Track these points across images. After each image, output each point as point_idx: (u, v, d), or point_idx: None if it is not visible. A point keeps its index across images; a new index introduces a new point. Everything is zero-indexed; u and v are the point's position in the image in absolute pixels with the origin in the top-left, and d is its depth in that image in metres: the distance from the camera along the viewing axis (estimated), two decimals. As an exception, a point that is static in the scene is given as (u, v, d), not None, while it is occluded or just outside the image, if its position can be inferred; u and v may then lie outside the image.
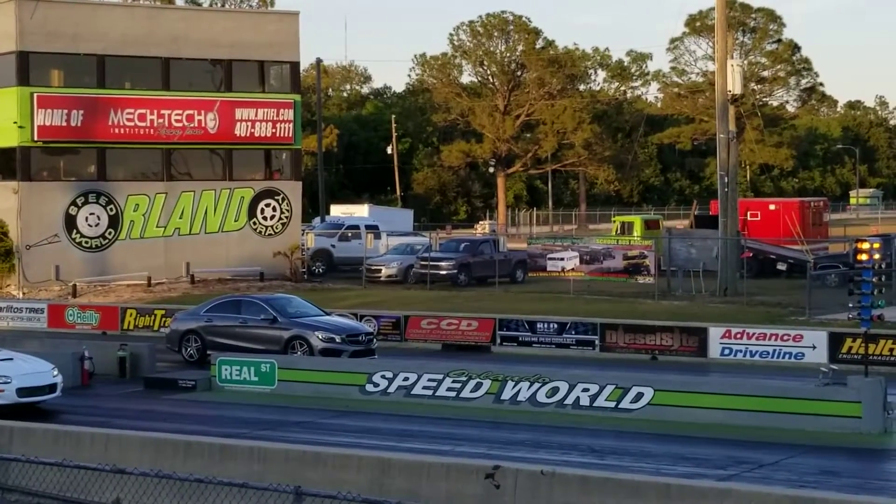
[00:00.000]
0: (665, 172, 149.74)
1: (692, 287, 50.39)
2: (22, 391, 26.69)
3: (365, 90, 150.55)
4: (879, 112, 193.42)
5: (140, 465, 16.87)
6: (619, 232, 65.60)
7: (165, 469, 16.31)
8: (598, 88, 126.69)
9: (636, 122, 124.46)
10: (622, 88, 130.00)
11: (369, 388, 28.65)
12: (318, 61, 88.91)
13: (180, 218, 56.17)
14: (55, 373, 27.59)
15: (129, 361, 32.29)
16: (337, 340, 33.54)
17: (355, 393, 28.63)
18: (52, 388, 27.26)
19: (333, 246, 62.32)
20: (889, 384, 24.76)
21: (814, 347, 33.96)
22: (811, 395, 24.96)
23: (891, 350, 33.25)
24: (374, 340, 35.16)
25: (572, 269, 52.00)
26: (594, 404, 26.28)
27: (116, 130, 54.32)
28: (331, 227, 65.71)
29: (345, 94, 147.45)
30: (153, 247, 55.40)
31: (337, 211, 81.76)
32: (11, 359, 27.55)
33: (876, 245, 27.34)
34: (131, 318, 42.87)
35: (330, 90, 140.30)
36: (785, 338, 34.70)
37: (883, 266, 28.61)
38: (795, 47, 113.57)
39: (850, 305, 26.29)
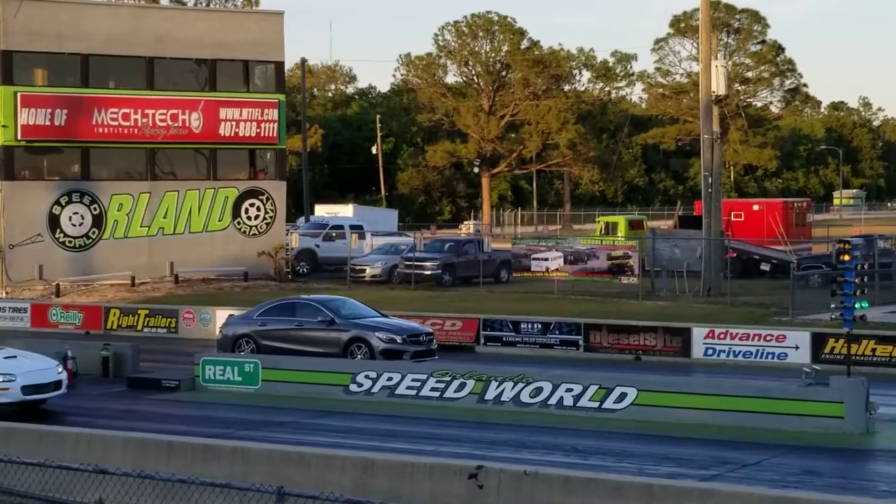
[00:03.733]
0: (649, 173, 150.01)
1: (676, 287, 50.48)
2: (27, 388, 26.56)
3: (350, 90, 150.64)
4: (863, 113, 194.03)
5: (123, 466, 16.86)
6: (603, 232, 65.71)
7: (148, 469, 16.30)
8: (582, 89, 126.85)
9: (620, 122, 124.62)
10: (607, 89, 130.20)
11: (353, 388, 28.65)
12: (303, 61, 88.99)
13: (164, 218, 56.10)
14: (60, 370, 27.56)
15: (112, 361, 32.23)
16: (398, 341, 32.77)
17: (339, 393, 28.63)
18: (56, 385, 27.13)
19: (318, 246, 62.30)
20: (871, 384, 24.82)
21: (797, 348, 34.07)
22: (794, 396, 25.03)
23: (873, 350, 33.37)
24: (435, 341, 34.19)
25: (556, 270, 52.07)
26: (578, 404, 26.31)
27: (100, 130, 54.23)
28: (315, 227, 65.68)
29: (329, 94, 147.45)
30: (137, 246, 55.32)
31: (321, 211, 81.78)
32: (15, 356, 27.46)
33: (859, 246, 27.39)
34: (115, 318, 42.84)
35: (315, 90, 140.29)
36: (768, 338, 34.80)
37: (865, 267, 28.70)
38: (779, 48, 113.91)
39: (833, 306, 26.35)
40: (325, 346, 32.84)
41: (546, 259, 52.38)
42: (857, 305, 25.86)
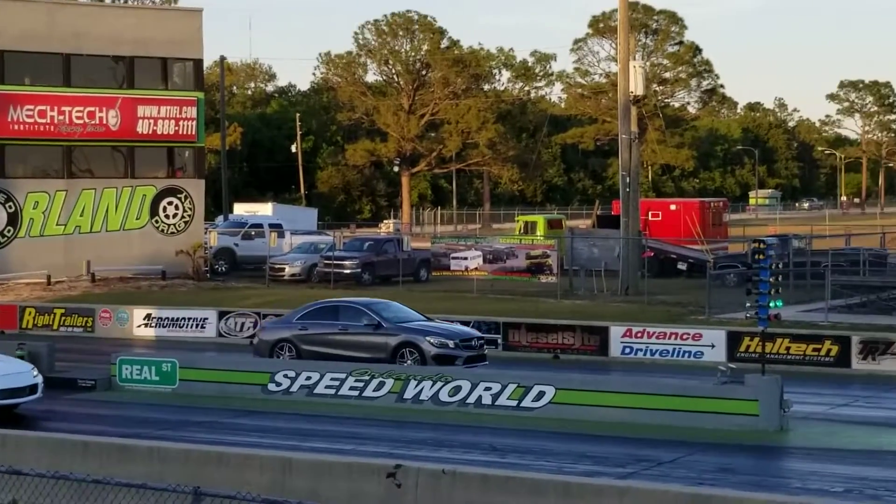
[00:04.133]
0: (568, 172, 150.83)
1: (594, 286, 50.80)
2: (3, 393, 25.91)
3: (269, 88, 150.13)
4: (778, 114, 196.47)
5: (37, 466, 16.67)
6: (522, 231, 65.98)
7: (63, 470, 16.14)
8: (502, 88, 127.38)
9: (540, 122, 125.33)
10: (526, 88, 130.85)
11: (272, 387, 28.56)
12: (222, 59, 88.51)
13: (81, 216, 55.54)
14: (35, 373, 26.94)
15: (27, 360, 31.83)
16: (450, 346, 31.27)
17: (258, 392, 28.52)
18: (32, 388, 26.46)
19: (236, 245, 61.98)
20: (785, 382, 25.14)
21: (713, 346, 34.42)
22: (710, 394, 25.29)
23: (787, 349, 33.82)
24: (485, 345, 32.83)
25: (476, 269, 52.20)
26: (496, 403, 26.41)
27: (16, 127, 53.60)
28: (234, 226, 65.35)
29: (249, 92, 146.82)
30: (53, 245, 54.72)
31: (240, 209, 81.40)
32: None
33: (773, 245, 27.70)
34: (30, 317, 42.36)
35: (234, 88, 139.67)
36: (685, 337, 35.14)
37: (780, 266, 29.02)
38: (697, 49, 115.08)
39: (748, 305, 26.65)
40: (371, 350, 31.26)
41: (465, 258, 52.50)
42: (771, 304, 26.15)
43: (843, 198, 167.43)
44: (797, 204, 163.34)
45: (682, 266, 58.46)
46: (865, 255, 49.05)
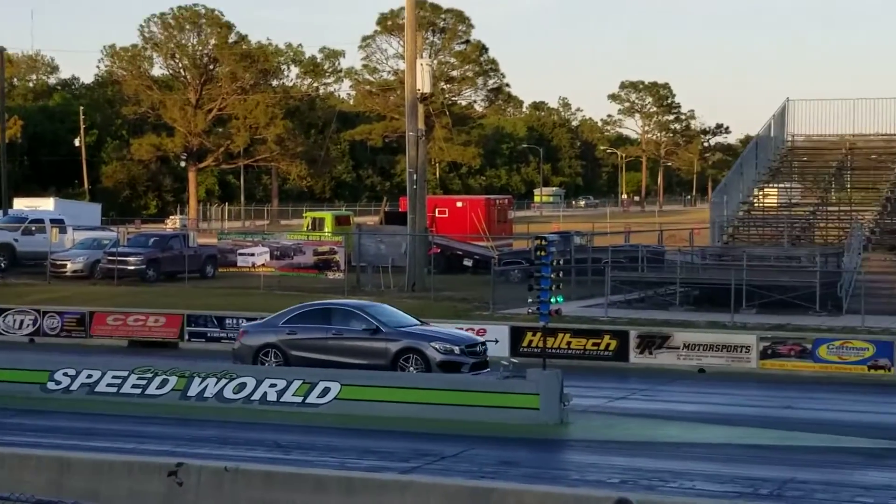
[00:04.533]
0: (357, 169, 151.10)
1: (381, 282, 51.04)
2: None
3: (52, 81, 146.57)
4: (562, 113, 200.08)
5: None
6: (310, 228, 65.82)
7: None
8: (290, 84, 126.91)
9: (328, 118, 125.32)
10: (315, 85, 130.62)
11: (51, 385, 27.97)
12: (1, 50, 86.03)
13: None
14: None
15: None
16: (456, 352, 29.69)
17: (36, 391, 27.90)
18: None
19: (16, 240, 60.36)
20: (566, 376, 25.69)
21: (496, 341, 34.86)
22: (492, 388, 25.71)
23: (568, 343, 34.56)
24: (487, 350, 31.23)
25: (263, 265, 51.93)
26: (282, 400, 26.37)
27: None
28: (13, 221, 63.63)
29: (31, 85, 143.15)
30: None
31: (20, 204, 79.30)
32: None
33: (555, 242, 28.25)
34: None
35: (15, 80, 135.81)
36: (469, 332, 35.55)
37: (561, 262, 29.63)
38: (483, 48, 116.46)
39: (530, 300, 27.14)
40: (369, 357, 29.71)
41: (252, 254, 52.16)
42: (552, 300, 26.64)
43: (624, 196, 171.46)
44: (573, 202, 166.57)
45: (467, 262, 59.11)
46: (644, 252, 50.31)
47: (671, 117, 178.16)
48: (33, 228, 60.98)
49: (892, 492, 19.08)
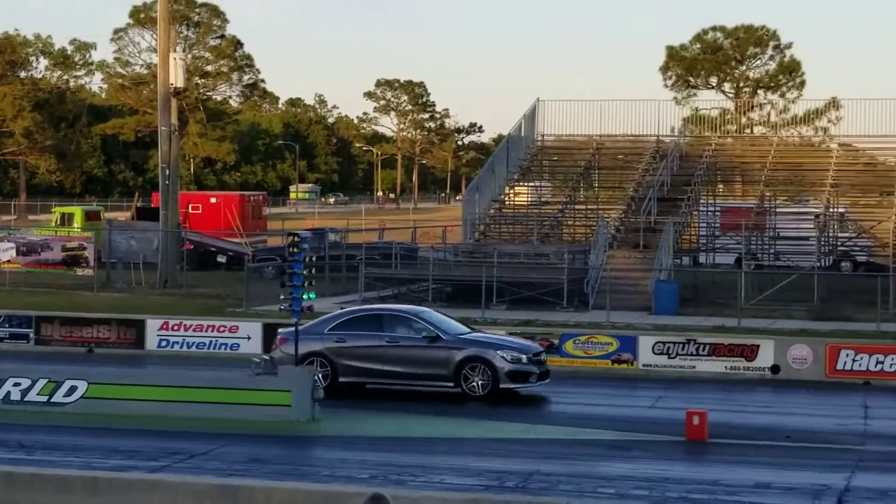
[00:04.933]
0: (109, 164, 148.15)
1: (132, 279, 50.21)
2: None
3: None
4: (319, 110, 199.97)
5: None
6: (58, 223, 64.29)
7: None
8: (39, 76, 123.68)
9: (79, 111, 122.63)
10: (65, 77, 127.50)
11: None
12: None
13: None
14: None
15: None
16: (524, 361, 28.19)
17: None
18: None
19: None
20: (315, 372, 25.75)
21: (249, 338, 34.77)
22: (244, 385, 25.59)
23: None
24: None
25: (8, 261, 50.68)
26: (26, 399, 25.71)
27: None
28: None
29: None
30: None
31: None
32: None
33: (308, 238, 28.25)
34: None
35: None
36: (221, 329, 35.35)
37: (315, 259, 29.63)
38: (238, 43, 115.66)
39: (282, 297, 27.09)
40: (429, 366, 28.06)
41: (-2, 250, 50.81)
42: (305, 296, 26.66)
43: (380, 193, 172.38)
44: (323, 199, 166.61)
45: (221, 259, 58.61)
46: (397, 249, 50.78)
47: (426, 116, 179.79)
48: None
49: (633, 482, 19.71)
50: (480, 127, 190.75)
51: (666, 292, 43.34)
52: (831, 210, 52.90)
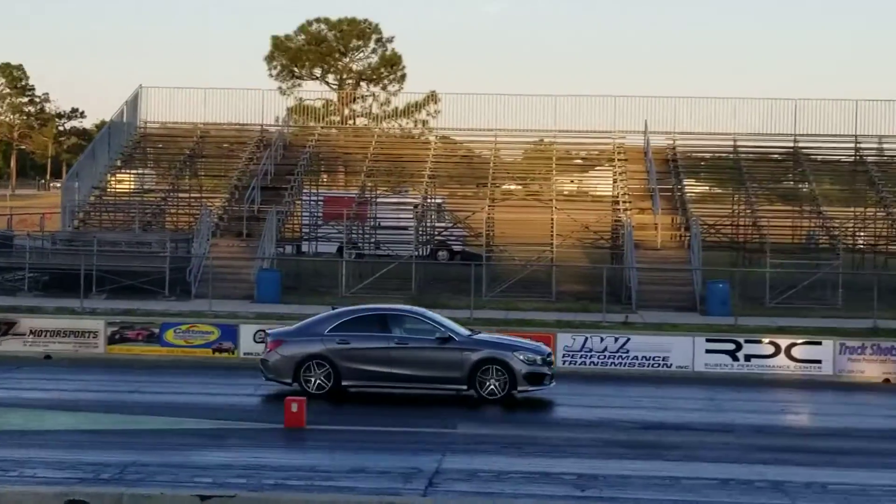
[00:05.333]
0: None
1: None
2: None
3: None
4: None
5: None
6: None
7: None
8: None
9: None
10: None
11: None
12: None
13: None
14: None
15: None
16: (539, 362, 27.05)
17: None
18: None
19: None
20: None
21: None
22: None
23: None
24: None
25: None
26: None
27: None
28: None
29: None
30: None
31: None
32: None
33: None
34: None
35: None
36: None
37: None
38: None
39: None
40: (441, 369, 26.68)
41: None
42: None
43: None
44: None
45: None
46: (-9, 238, 49.02)
47: (25, 100, 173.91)
48: None
49: (232, 470, 19.69)
50: (83, 112, 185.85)
51: (268, 281, 43.65)
52: (429, 201, 54.51)
